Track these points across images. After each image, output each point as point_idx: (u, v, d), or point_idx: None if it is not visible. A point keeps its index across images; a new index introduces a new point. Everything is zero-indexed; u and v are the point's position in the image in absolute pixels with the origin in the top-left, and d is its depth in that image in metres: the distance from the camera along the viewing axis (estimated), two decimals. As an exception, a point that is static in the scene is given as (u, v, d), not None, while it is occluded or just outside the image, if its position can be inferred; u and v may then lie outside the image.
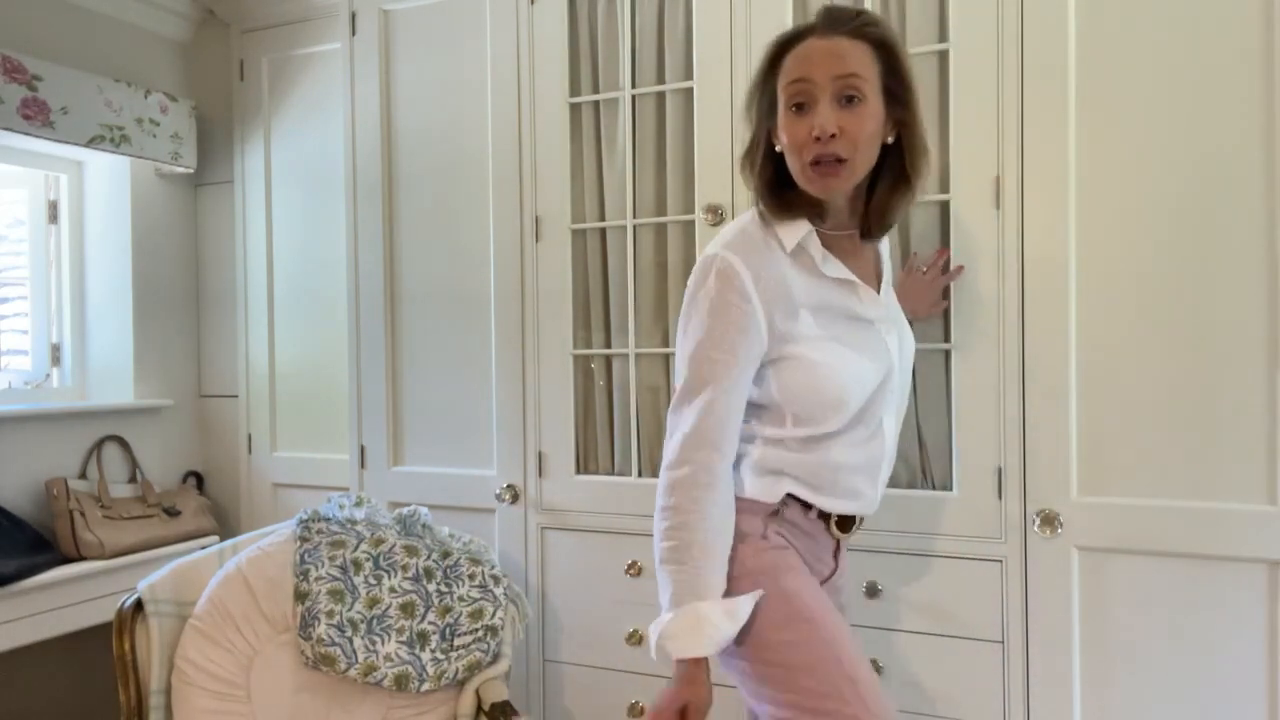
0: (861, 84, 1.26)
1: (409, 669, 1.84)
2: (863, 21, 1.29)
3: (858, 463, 1.39)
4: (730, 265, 1.30)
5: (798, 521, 1.40)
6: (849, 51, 1.26)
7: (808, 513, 1.40)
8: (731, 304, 1.29)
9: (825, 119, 1.25)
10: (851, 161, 1.27)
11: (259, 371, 2.84)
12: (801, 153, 1.28)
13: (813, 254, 1.35)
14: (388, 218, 2.33)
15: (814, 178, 1.28)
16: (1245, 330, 1.61)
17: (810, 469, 1.37)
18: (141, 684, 1.80)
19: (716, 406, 1.30)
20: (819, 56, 1.26)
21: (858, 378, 1.34)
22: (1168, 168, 1.66)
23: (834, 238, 1.38)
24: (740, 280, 1.29)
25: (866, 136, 1.27)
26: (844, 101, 1.26)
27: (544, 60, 2.13)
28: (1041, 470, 1.74)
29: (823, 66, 1.26)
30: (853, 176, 1.29)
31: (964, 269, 1.77)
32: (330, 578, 1.88)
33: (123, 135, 2.59)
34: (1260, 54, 1.59)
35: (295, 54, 2.76)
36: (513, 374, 2.18)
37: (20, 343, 2.78)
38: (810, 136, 1.26)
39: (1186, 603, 1.66)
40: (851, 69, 1.25)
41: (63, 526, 2.44)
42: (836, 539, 1.45)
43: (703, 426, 1.29)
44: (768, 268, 1.31)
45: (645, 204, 2.08)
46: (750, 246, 1.33)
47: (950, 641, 1.81)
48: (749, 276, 1.29)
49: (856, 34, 1.28)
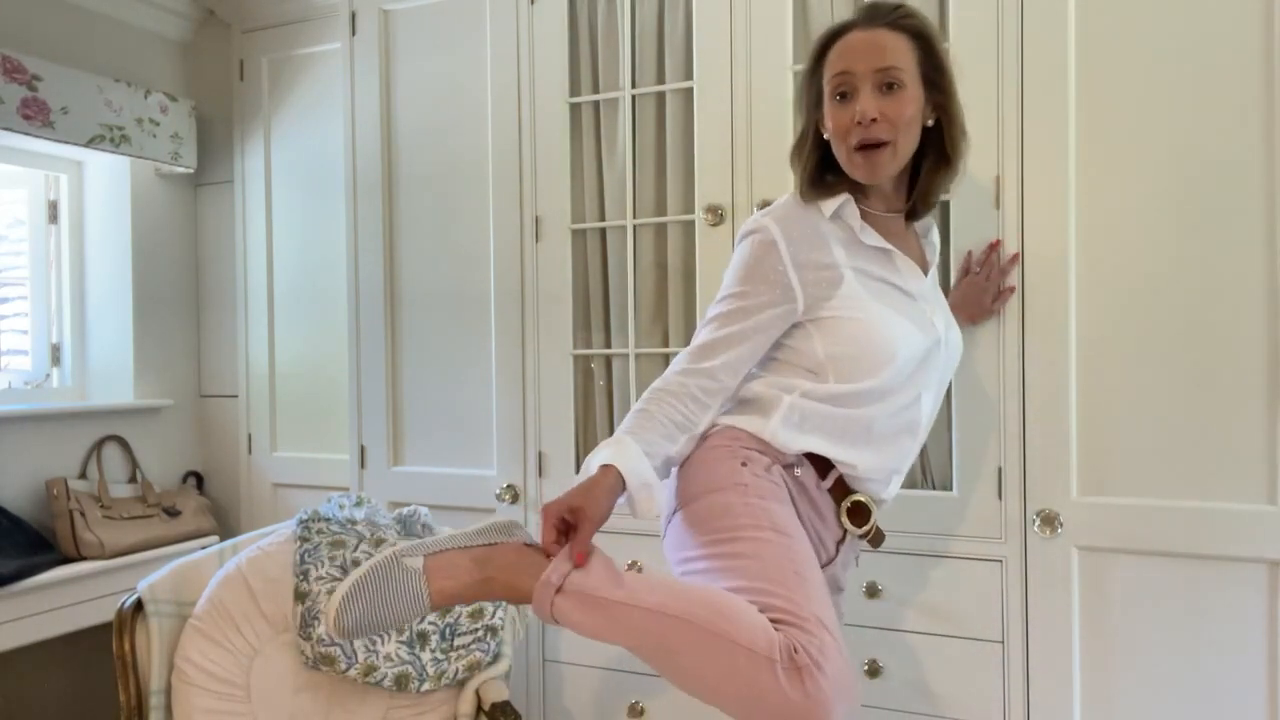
0: (900, 74, 1.32)
1: (409, 669, 1.84)
2: (901, 14, 1.36)
3: (890, 429, 1.40)
4: (766, 229, 1.36)
5: (808, 488, 1.38)
6: (888, 43, 1.33)
7: (821, 482, 1.38)
8: (764, 263, 1.34)
9: (867, 105, 1.32)
10: (894, 144, 1.34)
11: (259, 371, 2.84)
12: (847, 137, 1.35)
13: (850, 222, 1.40)
14: (388, 218, 2.33)
15: (859, 162, 1.35)
16: (1245, 330, 1.61)
17: (841, 423, 1.36)
18: (141, 684, 1.80)
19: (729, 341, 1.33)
20: (861, 49, 1.34)
21: (907, 337, 1.36)
22: (1168, 167, 1.66)
23: (877, 217, 1.43)
24: (776, 243, 1.34)
25: (906, 120, 1.33)
26: (884, 89, 1.33)
27: (544, 60, 2.13)
28: (1041, 470, 1.74)
29: (864, 59, 1.33)
30: (895, 158, 1.36)
31: (1018, 257, 1.74)
32: (330, 578, 1.87)
33: (123, 135, 2.59)
34: (1260, 53, 1.59)
35: (295, 54, 2.76)
36: (513, 374, 2.18)
37: (20, 343, 2.78)
38: (853, 122, 1.33)
39: (1186, 603, 1.66)
40: (890, 61, 1.32)
41: (63, 526, 2.44)
42: (844, 529, 1.41)
43: (711, 345, 1.34)
44: (805, 230, 1.36)
45: (645, 204, 2.08)
46: (788, 213, 1.38)
47: (950, 641, 1.81)
48: (783, 240, 1.34)
49: (895, 26, 1.35)
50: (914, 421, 1.43)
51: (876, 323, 1.35)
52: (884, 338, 1.34)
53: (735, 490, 1.30)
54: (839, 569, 1.48)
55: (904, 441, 1.43)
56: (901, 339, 1.36)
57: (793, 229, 1.36)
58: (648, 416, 1.30)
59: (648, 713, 2.06)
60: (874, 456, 1.39)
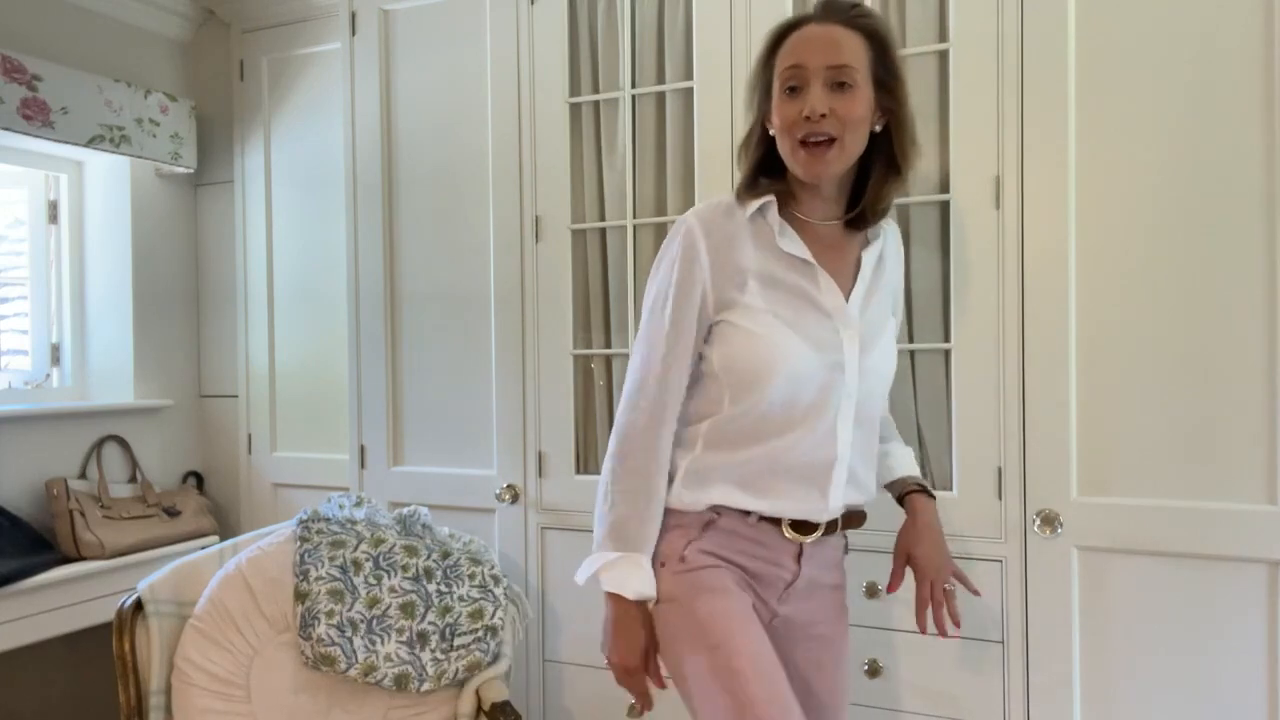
0: (853, 73, 1.30)
1: (409, 669, 1.84)
2: (858, 12, 1.34)
3: (797, 466, 1.36)
4: (689, 227, 1.37)
5: (737, 530, 1.37)
6: (843, 40, 1.31)
7: (747, 518, 1.37)
8: (682, 264, 1.36)
9: (816, 100, 1.29)
10: (840, 141, 1.30)
11: (259, 371, 2.84)
12: (792, 131, 1.32)
13: (770, 223, 1.37)
14: (388, 218, 2.33)
15: (803, 158, 1.32)
16: (1245, 330, 1.61)
17: (744, 469, 1.36)
18: (141, 684, 1.80)
19: (652, 361, 1.37)
20: (814, 43, 1.31)
21: (795, 356, 1.32)
22: (1168, 167, 1.66)
23: (807, 224, 1.39)
24: (694, 241, 1.36)
25: (855, 119, 1.31)
26: (835, 87, 1.30)
27: (544, 60, 2.13)
28: (1041, 470, 1.74)
29: (817, 54, 1.31)
30: (841, 157, 1.32)
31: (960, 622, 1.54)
32: (330, 578, 1.88)
33: (123, 135, 2.59)
34: (1260, 53, 1.59)
35: (295, 54, 2.76)
36: (513, 374, 2.18)
37: (20, 343, 2.78)
38: (801, 116, 1.30)
39: (1186, 603, 1.66)
40: (844, 59, 1.30)
41: (63, 526, 2.44)
42: (799, 543, 1.39)
43: (639, 381, 1.38)
44: (722, 229, 1.36)
45: (645, 204, 2.08)
46: (712, 211, 1.39)
47: (950, 641, 1.81)
48: (703, 238, 1.35)
49: (851, 24, 1.33)
50: (826, 458, 1.36)
51: (763, 335, 1.32)
52: (765, 354, 1.32)
53: (670, 607, 1.35)
54: (818, 571, 1.43)
55: (822, 479, 1.37)
56: (784, 358, 1.32)
57: (712, 227, 1.36)
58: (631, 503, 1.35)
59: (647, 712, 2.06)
60: (786, 502, 1.36)
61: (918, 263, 1.86)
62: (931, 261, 1.85)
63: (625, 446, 1.37)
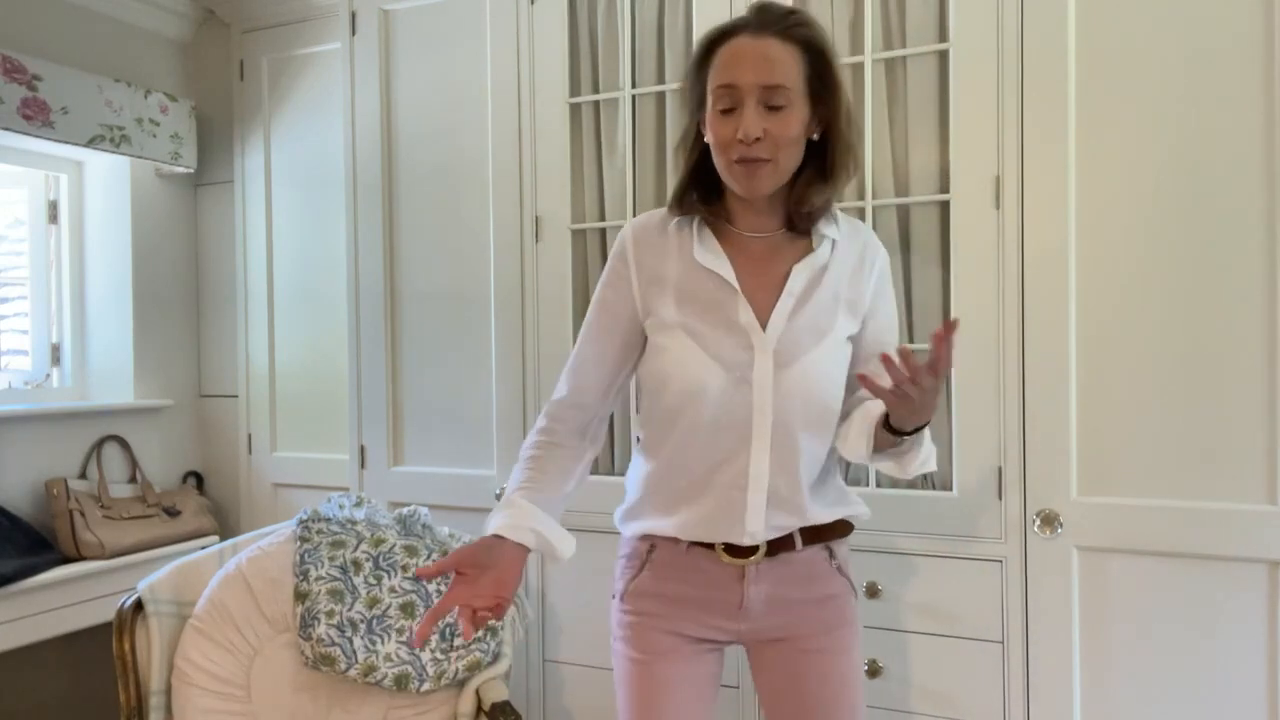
0: (787, 93, 1.27)
1: (409, 669, 1.84)
2: (793, 22, 1.29)
3: (706, 485, 1.35)
4: (623, 235, 1.42)
5: (672, 561, 1.39)
6: (777, 56, 1.27)
7: (677, 545, 1.38)
8: (614, 268, 1.41)
9: (750, 123, 1.26)
10: (774, 162, 1.28)
11: (259, 371, 2.84)
12: (727, 150, 1.29)
13: (694, 232, 1.37)
14: (388, 218, 2.33)
15: (739, 175, 1.30)
16: (1245, 330, 1.61)
17: (660, 485, 1.39)
18: (141, 684, 1.80)
19: (576, 356, 1.45)
20: (747, 61, 1.27)
21: (695, 370, 1.32)
22: (1168, 167, 1.66)
23: (741, 237, 1.37)
24: (624, 249, 1.40)
25: (789, 139, 1.28)
26: (769, 108, 1.27)
27: (544, 60, 2.13)
28: (1041, 470, 1.74)
29: (751, 72, 1.26)
30: (776, 175, 1.30)
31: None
32: (330, 578, 1.88)
33: (123, 135, 2.60)
34: (1260, 53, 1.59)
35: (295, 54, 2.76)
36: (513, 374, 2.18)
37: (20, 343, 2.78)
38: (735, 138, 1.27)
39: (1186, 603, 1.66)
40: (777, 79, 1.26)
41: (63, 526, 2.44)
42: (740, 566, 1.36)
43: (565, 374, 1.45)
44: (652, 239, 1.39)
45: (645, 204, 2.08)
46: (646, 219, 1.42)
47: (950, 641, 1.81)
48: (633, 246, 1.39)
49: (785, 35, 1.28)
50: (737, 481, 1.33)
51: (667, 348, 1.34)
52: (669, 366, 1.34)
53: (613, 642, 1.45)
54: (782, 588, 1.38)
55: (732, 504, 1.34)
56: (683, 372, 1.32)
57: (642, 233, 1.40)
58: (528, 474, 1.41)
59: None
60: (697, 524, 1.36)
61: (918, 263, 1.86)
62: (931, 261, 1.85)
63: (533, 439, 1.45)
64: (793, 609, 1.39)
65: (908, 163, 1.87)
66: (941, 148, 1.82)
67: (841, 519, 1.42)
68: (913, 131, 1.86)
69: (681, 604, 1.38)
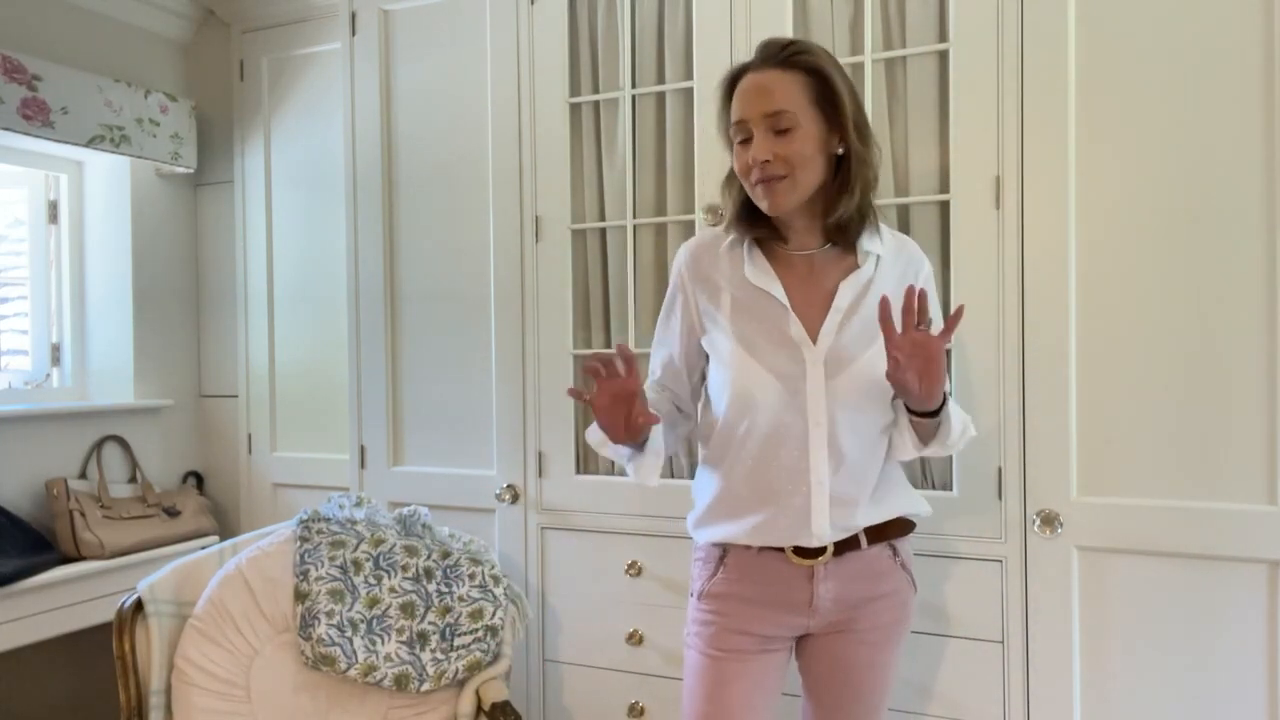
0: (790, 116, 1.37)
1: (409, 669, 1.84)
2: (792, 51, 1.39)
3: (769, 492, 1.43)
4: (680, 253, 1.56)
5: (745, 564, 1.47)
6: (776, 85, 1.38)
7: (749, 549, 1.46)
8: (672, 294, 1.56)
9: (759, 149, 1.38)
10: (791, 177, 1.39)
11: (259, 371, 2.84)
12: (748, 176, 1.42)
13: (745, 253, 1.48)
14: (388, 218, 2.33)
15: (760, 195, 1.42)
16: (1245, 330, 1.61)
17: (724, 492, 1.47)
18: (141, 684, 1.80)
19: (654, 359, 1.59)
20: (751, 95, 1.39)
21: (751, 380, 1.42)
22: (1168, 167, 1.66)
23: (789, 255, 1.48)
24: (681, 262, 1.54)
25: (801, 157, 1.38)
26: (777, 133, 1.38)
27: (544, 60, 2.13)
28: (1041, 470, 1.74)
29: (755, 105, 1.39)
30: (795, 190, 1.40)
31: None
32: (330, 578, 1.88)
33: (123, 135, 2.59)
34: (1260, 53, 1.59)
35: (295, 54, 2.76)
36: (513, 374, 2.18)
37: (20, 343, 2.78)
38: (748, 166, 1.41)
39: (1186, 603, 1.66)
40: (778, 105, 1.37)
41: (63, 526, 2.44)
42: (809, 566, 1.44)
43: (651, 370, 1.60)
44: (710, 251, 1.52)
45: (645, 204, 2.08)
46: (701, 237, 1.57)
47: (950, 641, 1.81)
48: (689, 259, 1.53)
49: (786, 64, 1.39)
50: (799, 487, 1.41)
51: (725, 356, 1.45)
52: (727, 374, 1.44)
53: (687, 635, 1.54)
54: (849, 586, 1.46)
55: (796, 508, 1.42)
56: (739, 380, 1.43)
57: (699, 249, 1.53)
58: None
59: (648, 712, 2.06)
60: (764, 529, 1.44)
61: (918, 263, 1.86)
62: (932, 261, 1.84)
63: None
64: (859, 604, 1.48)
65: (908, 163, 1.87)
66: (941, 148, 1.82)
67: (902, 516, 1.51)
68: (913, 131, 1.86)
69: (755, 604, 1.46)
